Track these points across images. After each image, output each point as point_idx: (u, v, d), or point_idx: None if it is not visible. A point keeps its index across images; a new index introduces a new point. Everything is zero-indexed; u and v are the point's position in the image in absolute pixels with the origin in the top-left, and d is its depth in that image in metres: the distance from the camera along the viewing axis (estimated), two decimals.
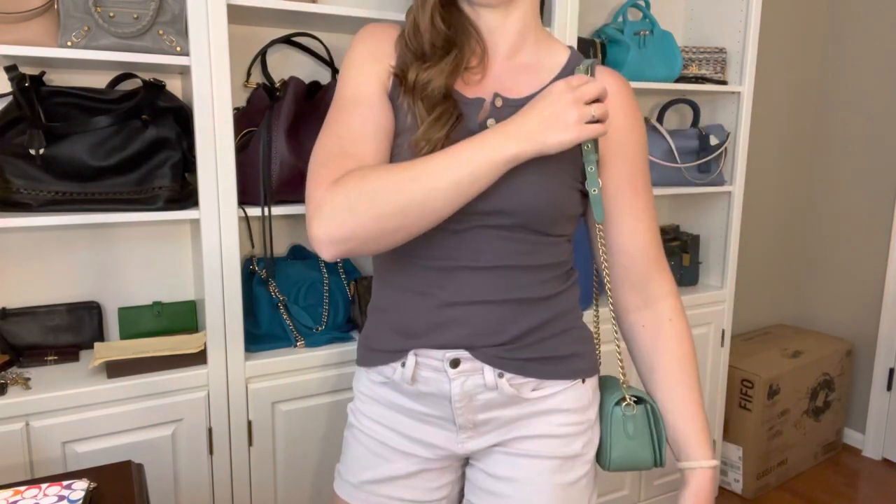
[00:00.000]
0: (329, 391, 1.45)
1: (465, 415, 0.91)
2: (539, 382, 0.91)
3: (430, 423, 0.93)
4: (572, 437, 0.92)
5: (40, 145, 1.20)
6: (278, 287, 1.49)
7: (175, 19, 1.24)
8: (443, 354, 0.88)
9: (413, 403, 0.93)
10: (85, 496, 0.86)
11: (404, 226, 0.77)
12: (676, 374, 0.94)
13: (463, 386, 0.89)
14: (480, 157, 0.76)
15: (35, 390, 1.21)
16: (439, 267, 0.88)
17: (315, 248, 0.79)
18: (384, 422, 0.96)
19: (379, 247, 0.79)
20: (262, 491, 1.41)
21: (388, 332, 0.93)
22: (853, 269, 2.66)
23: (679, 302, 0.97)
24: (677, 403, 0.94)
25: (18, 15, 1.16)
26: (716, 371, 2.13)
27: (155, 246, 1.51)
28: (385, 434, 0.96)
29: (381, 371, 0.95)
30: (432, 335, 0.89)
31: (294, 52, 1.59)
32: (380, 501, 0.96)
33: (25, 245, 1.40)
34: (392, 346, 0.92)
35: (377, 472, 0.96)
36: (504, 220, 0.85)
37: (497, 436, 0.92)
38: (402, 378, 0.91)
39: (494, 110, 0.87)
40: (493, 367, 0.88)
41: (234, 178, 1.31)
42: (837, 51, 2.67)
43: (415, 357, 0.90)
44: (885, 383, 2.56)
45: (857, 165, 2.64)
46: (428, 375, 0.90)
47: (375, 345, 0.95)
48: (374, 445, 0.96)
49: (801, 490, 2.37)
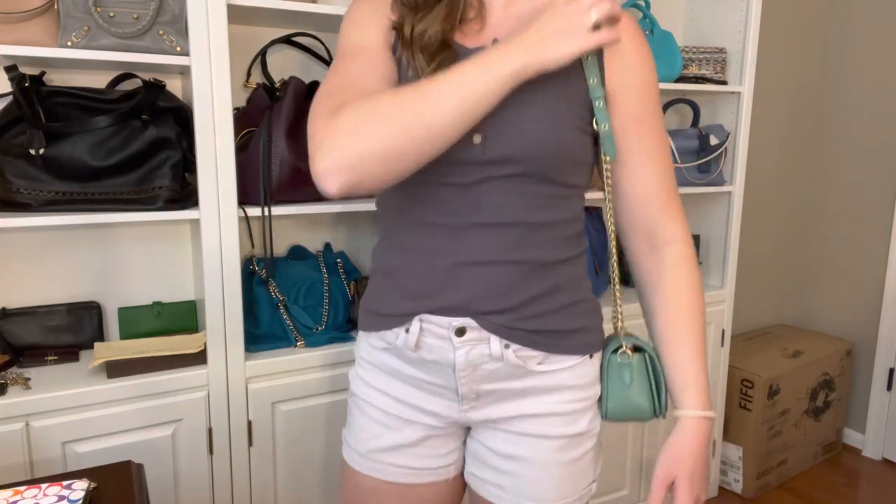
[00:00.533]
0: (329, 391, 1.45)
1: (468, 384, 0.89)
2: (546, 356, 0.89)
3: (432, 391, 0.92)
4: (578, 413, 0.91)
5: (40, 145, 1.20)
6: (278, 287, 1.49)
7: (175, 19, 1.25)
8: (449, 322, 0.87)
9: (414, 371, 0.92)
10: (85, 496, 0.86)
11: (411, 148, 0.73)
12: (673, 321, 0.90)
13: (468, 355, 0.87)
14: (485, 72, 0.73)
15: (35, 390, 1.21)
16: (448, 224, 0.86)
17: (321, 185, 0.74)
18: (385, 389, 0.95)
19: (386, 175, 0.74)
20: (262, 491, 1.41)
21: (393, 295, 0.91)
22: (853, 269, 2.66)
23: (688, 248, 0.92)
24: (671, 351, 0.90)
25: (18, 15, 1.16)
26: (716, 371, 2.13)
27: (155, 246, 1.51)
28: (386, 402, 0.95)
29: (383, 336, 0.93)
30: (439, 296, 0.86)
31: (294, 52, 1.59)
32: (387, 469, 0.95)
33: (25, 245, 1.40)
34: (397, 311, 0.90)
35: (382, 440, 0.95)
36: (511, 170, 0.83)
37: (500, 409, 0.91)
38: (405, 344, 0.89)
39: None
40: (499, 338, 0.86)
41: (234, 178, 1.31)
42: (837, 51, 2.67)
43: (420, 323, 0.88)
44: (885, 383, 2.56)
45: (857, 165, 2.64)
46: (432, 343, 0.88)
47: (379, 308, 0.93)
48: (377, 414, 0.95)
49: (801, 490, 2.37)
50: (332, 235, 1.70)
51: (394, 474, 0.95)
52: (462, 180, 0.84)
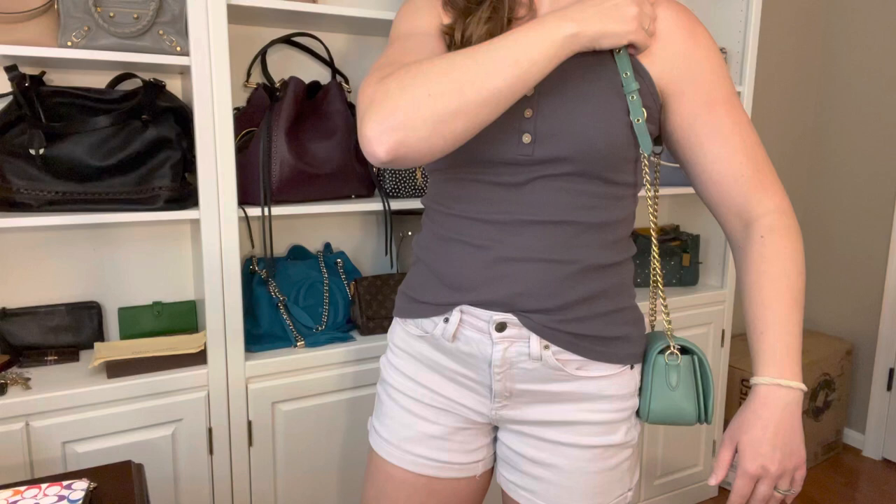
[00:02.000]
0: (329, 391, 1.45)
1: (503, 381, 0.88)
2: (585, 362, 0.87)
3: (465, 385, 0.91)
4: (615, 424, 0.90)
5: (40, 145, 1.20)
6: (278, 287, 1.49)
7: (175, 19, 1.25)
8: (490, 316, 0.85)
9: (449, 362, 0.91)
10: (85, 496, 0.86)
11: (461, 110, 0.70)
12: (755, 291, 0.83)
13: (505, 352, 0.86)
14: (540, 36, 0.73)
15: (35, 390, 1.21)
16: (496, 220, 0.85)
17: (368, 150, 0.71)
18: (417, 378, 0.94)
19: (434, 139, 0.71)
20: (262, 491, 1.41)
21: (436, 284, 0.90)
22: (853, 269, 2.66)
23: (782, 217, 0.85)
24: (749, 317, 0.84)
25: (18, 15, 1.16)
26: (716, 371, 2.13)
27: (155, 246, 1.51)
28: (418, 391, 0.94)
29: (420, 324, 0.92)
30: (482, 289, 0.86)
31: (294, 52, 1.59)
32: (416, 461, 0.94)
33: (25, 245, 1.40)
34: (437, 299, 0.89)
35: (412, 430, 0.94)
36: (563, 168, 0.82)
37: (533, 411, 0.90)
38: (442, 334, 0.89)
39: None
40: (539, 337, 0.85)
41: (234, 178, 1.31)
42: (837, 51, 2.67)
43: (460, 314, 0.87)
44: (885, 383, 2.56)
45: (856, 165, 2.64)
46: (470, 335, 0.87)
47: (419, 296, 0.93)
48: (408, 403, 0.95)
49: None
50: (332, 235, 1.70)
51: (422, 466, 0.94)
52: (512, 180, 0.84)
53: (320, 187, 1.45)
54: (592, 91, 0.82)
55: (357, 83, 1.67)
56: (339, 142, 1.46)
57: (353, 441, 1.50)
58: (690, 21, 0.86)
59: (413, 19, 0.89)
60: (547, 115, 0.81)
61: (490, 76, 0.71)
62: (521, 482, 0.93)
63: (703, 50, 0.85)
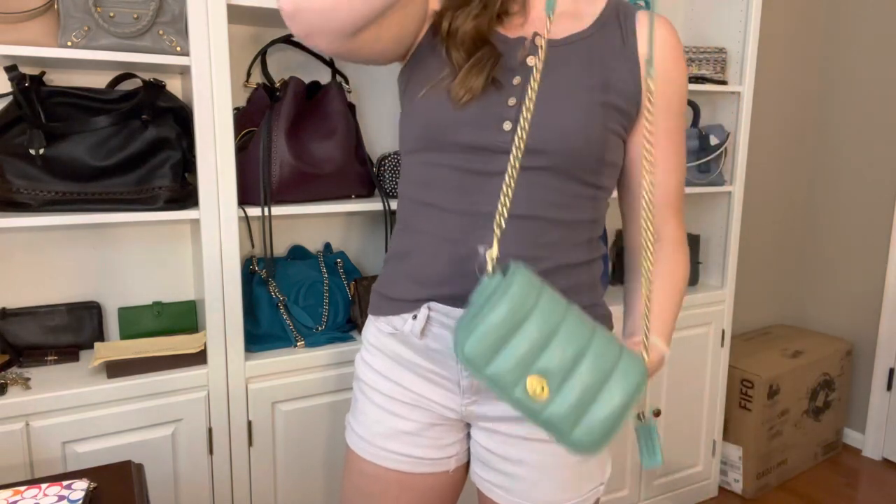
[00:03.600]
0: (329, 391, 1.45)
1: (470, 378, 0.89)
2: None
3: (434, 381, 0.92)
4: None
5: (40, 145, 1.20)
6: (278, 287, 1.49)
7: (175, 19, 1.24)
8: (457, 312, 0.86)
9: (419, 359, 0.92)
10: (85, 496, 0.86)
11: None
12: (666, 278, 0.91)
13: None
14: None
15: (35, 390, 1.21)
16: (464, 211, 0.85)
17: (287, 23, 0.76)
18: (389, 375, 0.95)
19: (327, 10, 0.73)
20: (262, 491, 1.41)
21: (405, 280, 0.91)
22: (853, 269, 2.66)
23: (684, 247, 0.95)
24: (654, 296, 0.89)
25: (18, 15, 1.16)
26: (716, 371, 2.13)
27: (155, 246, 1.51)
28: (390, 388, 0.95)
29: (390, 321, 0.94)
30: (449, 285, 0.87)
31: (294, 52, 1.59)
32: (389, 457, 0.95)
33: (25, 245, 1.40)
34: (406, 296, 0.91)
35: (384, 426, 0.95)
36: (538, 161, 0.83)
37: (502, 407, 0.90)
38: (411, 331, 0.90)
39: (534, 49, 0.87)
40: None
41: (234, 178, 1.31)
42: (837, 51, 2.67)
43: (427, 311, 0.88)
44: (885, 383, 2.56)
45: (856, 165, 2.64)
46: (438, 332, 0.88)
47: (389, 292, 0.94)
48: (381, 399, 0.95)
49: (801, 490, 2.37)
50: (332, 235, 1.70)
51: (395, 461, 0.95)
52: (485, 168, 0.84)
53: (320, 187, 1.45)
54: (582, 91, 0.84)
55: (357, 83, 1.67)
56: (339, 142, 1.46)
57: None
58: (678, 46, 0.90)
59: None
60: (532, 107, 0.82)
61: None
62: (494, 479, 0.94)
63: (681, 80, 0.90)
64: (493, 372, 0.69)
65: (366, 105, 1.69)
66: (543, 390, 0.69)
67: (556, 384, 0.69)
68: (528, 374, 0.69)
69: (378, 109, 1.72)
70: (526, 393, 0.68)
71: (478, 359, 0.69)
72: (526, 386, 0.68)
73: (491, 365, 0.69)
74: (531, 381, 0.68)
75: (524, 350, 0.68)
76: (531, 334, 0.69)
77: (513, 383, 0.69)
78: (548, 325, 0.69)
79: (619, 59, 0.87)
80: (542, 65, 0.76)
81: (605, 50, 0.88)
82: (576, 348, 0.69)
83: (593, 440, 0.69)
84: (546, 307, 0.70)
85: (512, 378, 0.69)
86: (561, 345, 0.69)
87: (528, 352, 0.69)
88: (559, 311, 0.71)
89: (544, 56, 0.77)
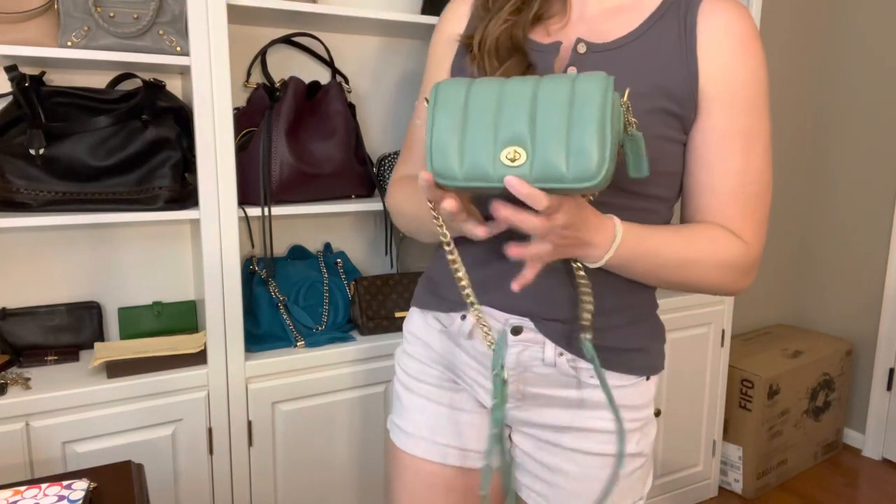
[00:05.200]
0: (329, 391, 1.45)
1: (515, 384, 0.87)
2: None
3: (479, 382, 0.91)
4: (628, 433, 0.88)
5: (40, 145, 1.20)
6: (278, 287, 1.49)
7: (175, 19, 1.24)
8: (506, 319, 0.85)
9: (466, 358, 0.91)
10: (85, 496, 0.86)
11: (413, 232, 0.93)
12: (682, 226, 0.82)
13: (519, 355, 0.85)
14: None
15: (35, 390, 1.21)
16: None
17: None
18: (435, 364, 0.94)
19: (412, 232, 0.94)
20: (262, 491, 1.41)
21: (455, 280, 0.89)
22: (853, 269, 2.66)
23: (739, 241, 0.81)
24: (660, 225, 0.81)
25: (18, 15, 1.16)
26: (716, 371, 2.13)
27: (155, 246, 1.51)
28: (436, 375, 0.93)
29: (438, 317, 0.92)
30: (499, 293, 0.85)
31: (294, 52, 1.59)
32: (444, 452, 0.92)
33: (25, 245, 1.40)
34: (456, 296, 0.89)
35: (437, 420, 0.93)
36: None
37: (547, 415, 0.88)
38: (459, 331, 0.89)
39: (576, 57, 0.80)
40: (554, 344, 0.84)
41: (234, 178, 1.31)
42: (837, 51, 2.67)
43: (477, 313, 0.83)
44: (885, 383, 2.56)
45: (857, 165, 2.64)
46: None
47: (439, 290, 0.93)
48: (426, 389, 0.94)
49: (801, 490, 2.37)
50: (332, 235, 1.70)
51: (449, 456, 0.93)
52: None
53: (320, 187, 1.45)
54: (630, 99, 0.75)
55: (357, 83, 1.67)
56: (338, 142, 1.46)
57: (354, 441, 1.50)
58: (747, 34, 0.78)
59: (435, 51, 0.94)
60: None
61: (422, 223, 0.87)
62: (532, 485, 0.92)
63: (748, 73, 0.79)
64: (469, 170, 0.66)
65: (366, 105, 1.69)
66: (519, 154, 0.65)
67: (528, 141, 0.65)
68: (498, 151, 0.65)
69: (378, 109, 1.72)
70: (506, 166, 0.65)
71: (447, 168, 0.67)
72: (502, 160, 0.65)
73: (463, 166, 0.66)
74: (504, 154, 0.65)
75: (482, 134, 0.66)
76: (480, 117, 0.67)
77: (491, 168, 0.66)
78: (489, 101, 0.67)
79: (674, 57, 0.79)
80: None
81: (661, 48, 0.79)
82: (525, 102, 0.66)
83: (591, 161, 0.63)
84: (480, 89, 0.68)
85: (487, 164, 0.66)
86: (510, 108, 0.66)
87: (486, 132, 0.66)
88: (494, 86, 0.68)
89: (588, 64, 0.74)
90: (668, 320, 1.92)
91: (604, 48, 0.80)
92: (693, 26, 0.79)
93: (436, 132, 0.68)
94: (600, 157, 0.63)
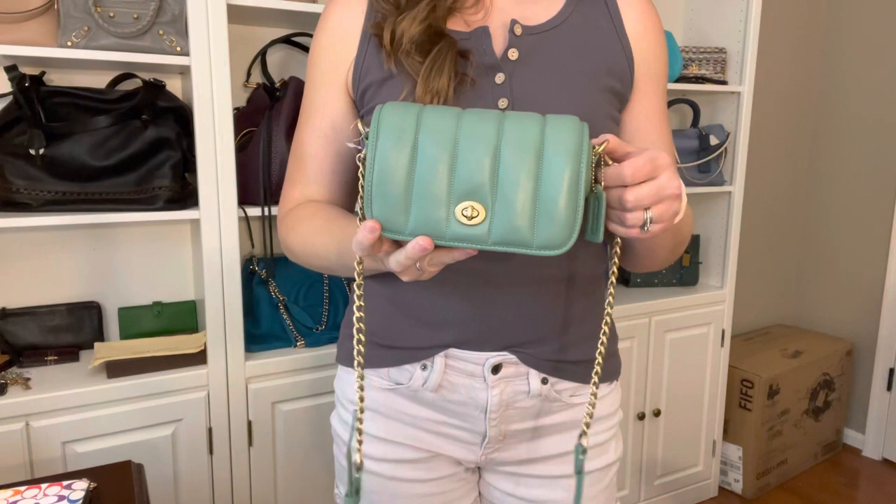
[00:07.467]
0: (329, 391, 1.45)
1: (498, 426, 0.78)
2: (579, 386, 0.81)
3: (450, 436, 0.81)
4: (607, 443, 0.86)
5: (40, 145, 1.20)
6: (278, 287, 1.49)
7: (175, 19, 1.24)
8: (484, 359, 0.75)
9: (429, 412, 0.79)
10: (85, 496, 0.86)
11: (322, 268, 0.79)
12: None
13: (502, 394, 0.77)
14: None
15: (35, 390, 1.21)
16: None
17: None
18: (394, 438, 0.81)
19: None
20: (262, 491, 1.41)
21: (410, 324, 0.77)
22: (853, 269, 2.66)
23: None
24: None
25: (18, 15, 1.16)
26: (716, 371, 2.13)
27: (155, 246, 1.51)
28: (399, 452, 0.82)
29: (388, 374, 0.80)
30: (470, 325, 0.75)
31: (294, 52, 1.59)
32: None
33: (25, 245, 1.40)
34: (415, 342, 0.77)
35: (407, 499, 0.83)
36: None
37: (526, 449, 0.82)
38: (423, 384, 0.77)
39: (514, 39, 0.75)
40: (538, 372, 0.77)
41: (234, 178, 1.31)
42: (837, 51, 2.67)
43: (444, 360, 0.76)
44: (885, 383, 2.56)
45: (856, 165, 2.64)
46: (458, 381, 0.77)
47: (388, 341, 0.79)
48: (392, 469, 0.82)
49: (801, 490, 2.37)
50: None
51: None
52: None
53: None
54: (580, 83, 0.75)
55: None
56: None
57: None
58: (659, 18, 0.84)
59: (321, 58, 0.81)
60: (529, 96, 0.74)
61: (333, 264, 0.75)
62: None
63: (666, 54, 0.84)
64: (417, 224, 0.56)
65: None
66: (477, 211, 0.56)
67: (488, 195, 0.55)
68: (453, 205, 0.55)
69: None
70: (461, 224, 0.55)
71: (391, 218, 0.56)
72: (457, 216, 0.55)
73: (410, 219, 0.56)
74: (460, 210, 0.55)
75: (435, 180, 0.55)
76: (433, 159, 0.55)
77: (444, 225, 0.55)
78: (444, 137, 0.56)
79: (609, 37, 0.79)
80: (526, 55, 0.70)
81: (594, 29, 0.79)
82: (487, 144, 0.55)
83: (561, 229, 0.55)
84: (432, 122, 0.56)
85: (439, 219, 0.55)
86: (468, 151, 0.55)
87: (439, 179, 0.55)
88: (449, 119, 0.56)
89: (527, 45, 0.71)
90: (669, 320, 1.92)
91: (539, 29, 0.77)
92: (616, 9, 0.81)
93: (379, 170, 0.56)
94: (571, 223, 0.55)
